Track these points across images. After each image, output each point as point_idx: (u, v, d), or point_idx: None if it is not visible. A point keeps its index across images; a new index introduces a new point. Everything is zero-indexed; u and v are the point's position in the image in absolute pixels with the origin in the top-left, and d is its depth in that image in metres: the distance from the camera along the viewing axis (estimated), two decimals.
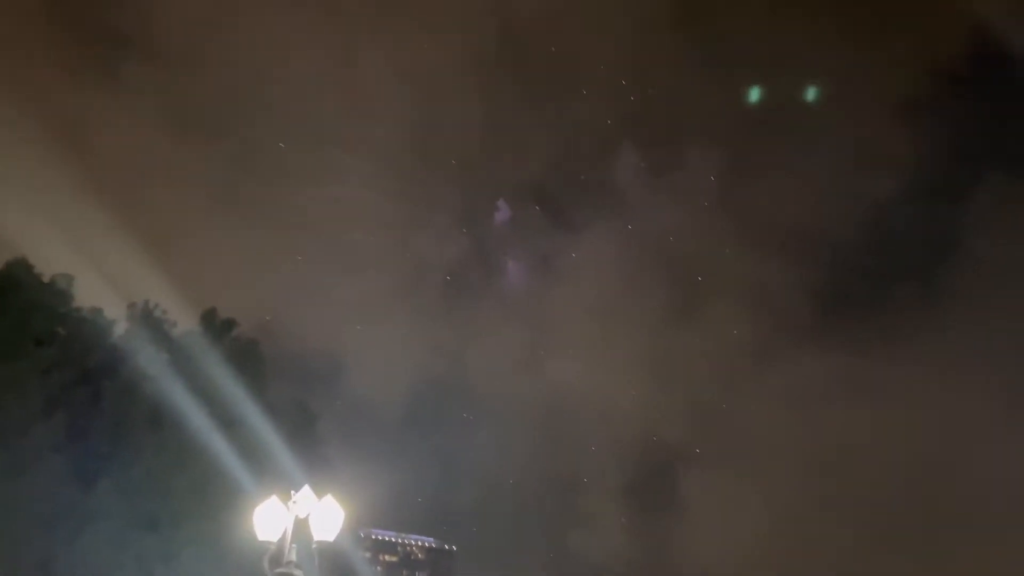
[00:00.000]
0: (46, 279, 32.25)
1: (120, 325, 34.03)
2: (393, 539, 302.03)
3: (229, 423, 29.03)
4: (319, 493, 15.03)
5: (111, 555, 26.09)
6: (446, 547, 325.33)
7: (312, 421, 37.74)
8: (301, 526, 14.54)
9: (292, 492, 14.89)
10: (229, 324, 35.08)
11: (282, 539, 14.42)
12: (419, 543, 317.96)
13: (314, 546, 14.45)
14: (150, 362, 31.77)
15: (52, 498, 26.23)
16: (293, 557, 14.27)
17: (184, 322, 34.82)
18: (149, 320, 33.88)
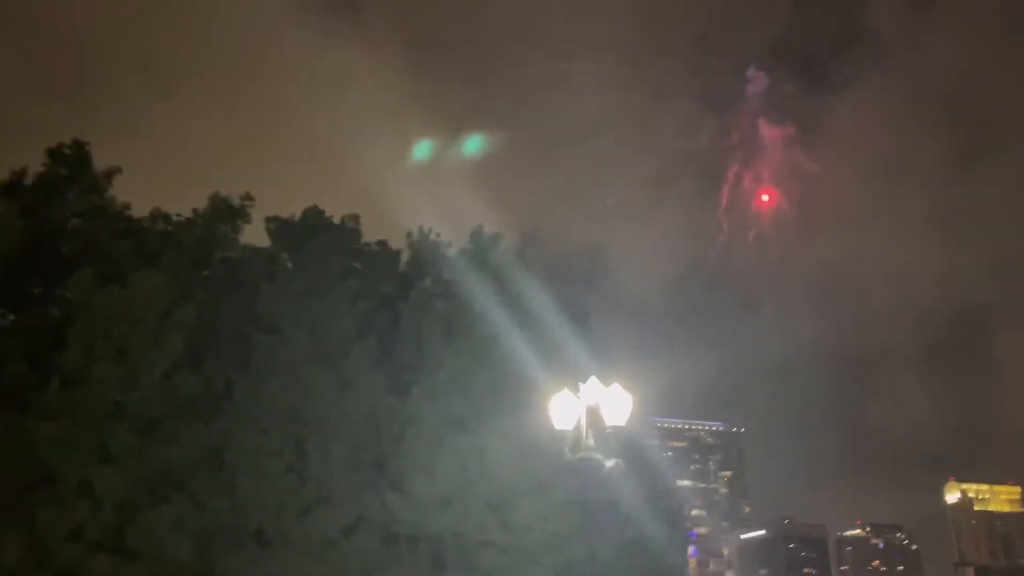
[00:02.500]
0: (336, 221, 36.11)
1: (404, 252, 37.57)
2: (680, 425, 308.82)
3: (513, 326, 31.07)
4: (605, 383, 15.79)
5: (431, 453, 29.36)
6: (735, 430, 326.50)
7: (586, 318, 39.25)
8: (593, 413, 15.43)
9: (581, 383, 15.79)
10: (495, 238, 37.10)
11: (578, 426, 15.44)
12: (707, 427, 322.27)
13: (608, 431, 15.30)
14: (435, 281, 34.75)
15: (376, 407, 29.97)
16: (591, 442, 15.24)
17: (457, 241, 37.51)
18: (426, 245, 36.88)
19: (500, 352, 30.34)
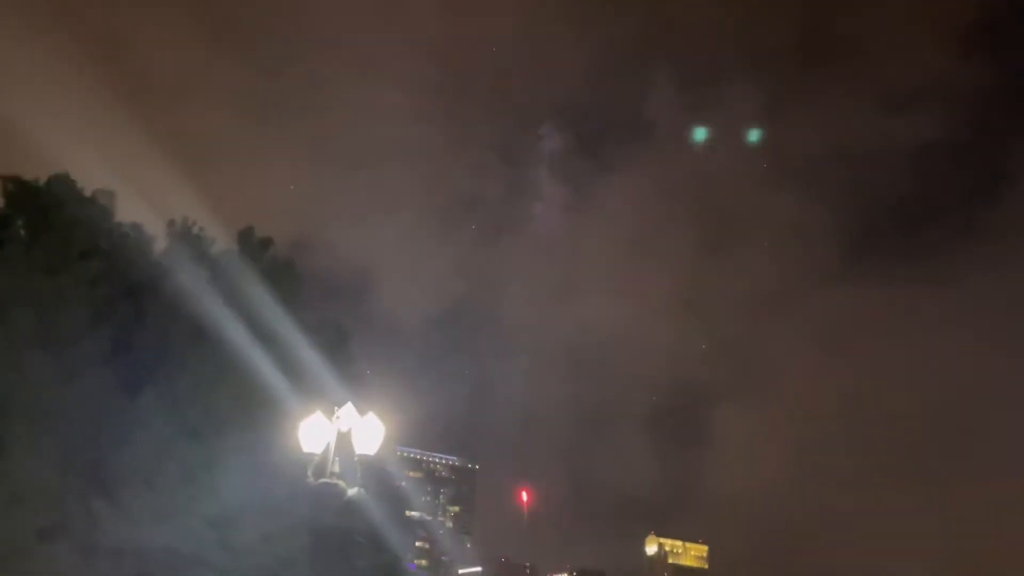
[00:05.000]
0: (87, 194, 32.85)
1: (160, 242, 34.81)
2: (418, 456, 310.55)
3: (268, 339, 29.78)
4: (361, 411, 15.62)
5: (156, 462, 27.24)
6: (469, 466, 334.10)
7: (345, 339, 38.51)
8: (344, 440, 15.17)
9: (335, 408, 15.49)
10: (266, 243, 35.57)
11: (326, 451, 15.09)
12: (443, 461, 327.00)
13: (356, 459, 15.10)
14: (191, 279, 32.51)
15: (100, 406, 27.32)
16: (336, 468, 14.95)
17: (222, 239, 35.45)
18: (188, 237, 34.47)
19: (251, 365, 28.90)
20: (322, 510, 15.06)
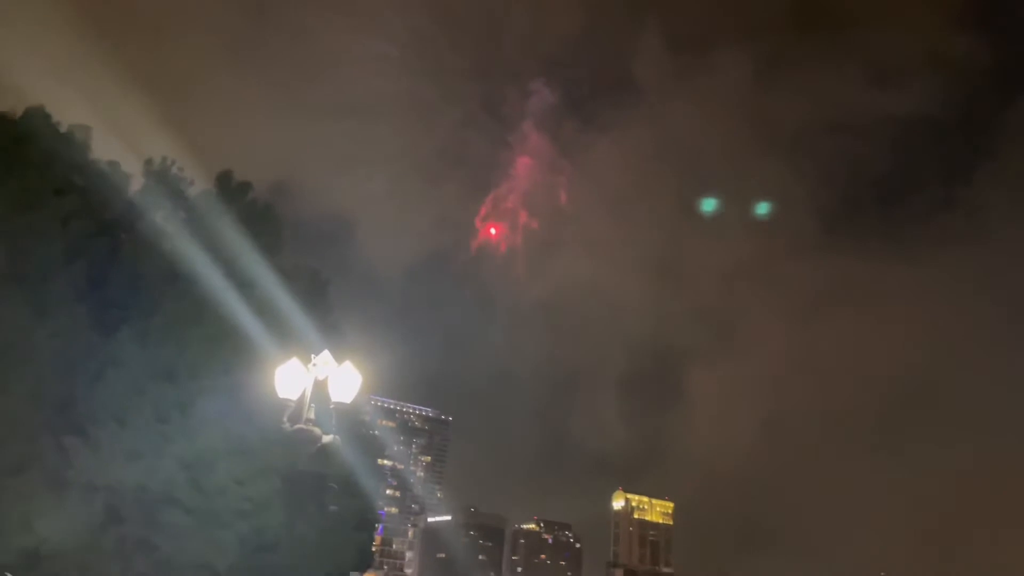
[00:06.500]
0: (63, 129, 32.14)
1: (136, 180, 34.17)
2: (393, 406, 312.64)
3: (244, 283, 29.56)
4: (338, 359, 15.62)
5: (129, 400, 27.15)
6: (443, 417, 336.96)
7: (323, 287, 38.28)
8: (320, 387, 15.19)
9: (312, 355, 15.48)
10: (244, 187, 35.09)
11: (302, 398, 15.12)
12: (417, 412, 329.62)
13: (331, 406, 15.14)
14: (167, 219, 32.06)
15: (74, 342, 27.10)
16: (312, 415, 14.99)
17: (200, 181, 34.90)
18: (166, 177, 33.87)
19: (226, 306, 28.69)
20: (296, 455, 15.12)
